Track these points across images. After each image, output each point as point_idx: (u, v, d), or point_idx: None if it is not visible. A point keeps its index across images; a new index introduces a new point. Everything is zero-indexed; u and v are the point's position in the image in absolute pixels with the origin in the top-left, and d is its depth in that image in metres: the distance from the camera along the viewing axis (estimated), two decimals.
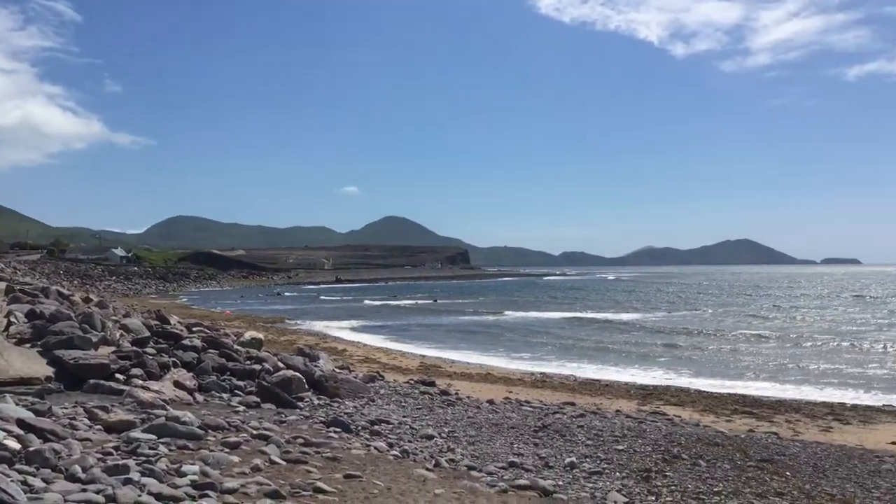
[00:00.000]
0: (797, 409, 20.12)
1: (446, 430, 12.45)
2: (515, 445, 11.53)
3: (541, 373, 27.88)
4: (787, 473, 10.71)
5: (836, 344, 37.94)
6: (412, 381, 21.09)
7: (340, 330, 45.68)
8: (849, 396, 23.43)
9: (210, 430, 8.88)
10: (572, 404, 18.81)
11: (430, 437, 11.64)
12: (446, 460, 9.81)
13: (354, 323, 51.81)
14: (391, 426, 12.20)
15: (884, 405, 21.74)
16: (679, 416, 18.00)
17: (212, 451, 7.74)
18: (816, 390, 24.83)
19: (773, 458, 11.97)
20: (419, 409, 15.21)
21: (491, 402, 17.92)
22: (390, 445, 10.35)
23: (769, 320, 54.27)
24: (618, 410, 18.14)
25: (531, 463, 10.21)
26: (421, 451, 10.31)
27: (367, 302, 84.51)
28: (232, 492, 6.39)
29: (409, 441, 11.13)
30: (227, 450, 7.96)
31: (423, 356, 32.56)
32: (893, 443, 15.52)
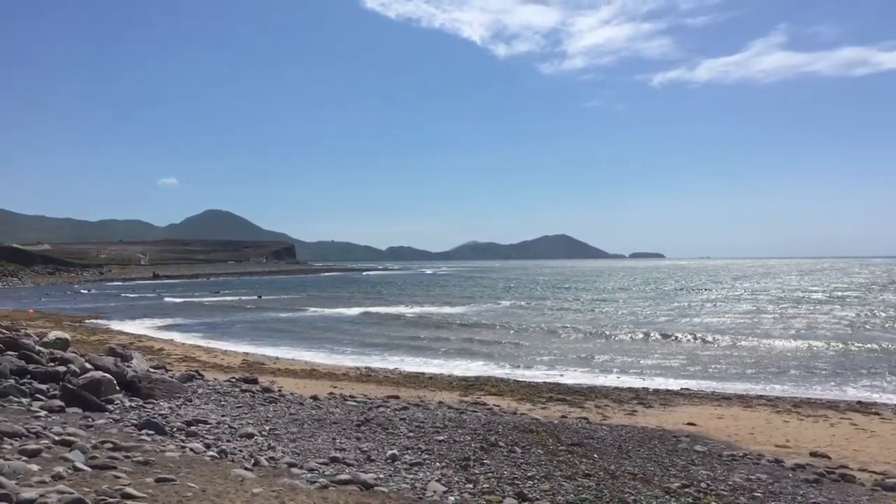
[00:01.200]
0: (606, 395, 21.38)
1: (267, 428, 12.22)
2: (338, 440, 11.50)
3: (366, 367, 27.98)
4: (595, 456, 11.37)
5: (638, 333, 40.60)
6: (233, 379, 20.50)
7: (157, 329, 43.65)
8: (653, 382, 25.17)
9: (6, 438, 8.24)
10: (396, 397, 19.00)
11: (251, 436, 11.38)
12: (266, 458, 9.63)
13: (172, 321, 49.68)
14: (209, 426, 11.81)
15: (682, 389, 23.55)
16: (498, 406, 18.63)
17: (7, 459, 7.18)
18: (624, 377, 26.53)
19: (583, 441, 12.66)
20: (239, 407, 14.83)
21: (315, 397, 17.77)
22: (207, 446, 10.02)
23: (579, 312, 57.26)
24: (440, 402, 18.51)
25: (353, 457, 10.22)
26: (240, 451, 10.06)
27: (185, 299, 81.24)
28: (30, 502, 5.97)
29: (228, 441, 10.83)
30: (24, 458, 7.42)
31: (247, 353, 31.76)
32: (689, 423, 16.85)
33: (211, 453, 9.50)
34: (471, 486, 8.97)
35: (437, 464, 10.09)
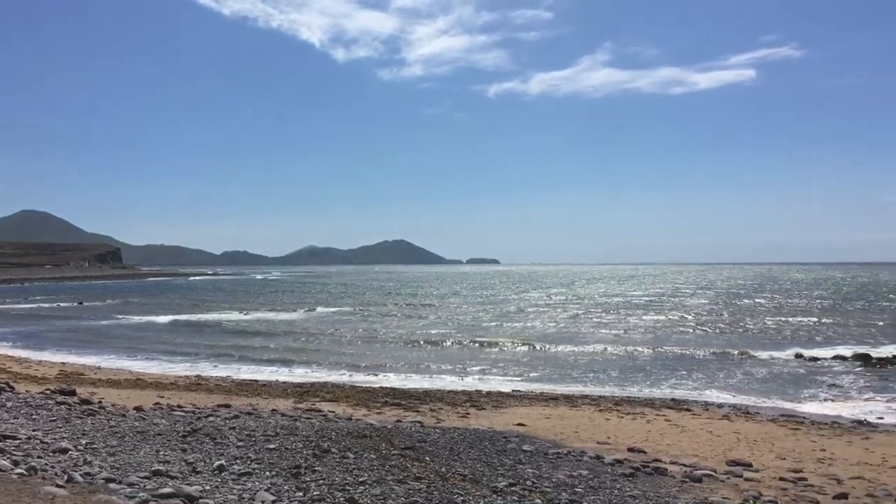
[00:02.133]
0: (441, 399, 21.73)
1: (84, 442, 11.49)
2: (161, 453, 10.98)
3: (196, 375, 26.97)
4: (427, 458, 11.51)
5: (469, 337, 41.61)
6: (48, 391, 19.14)
7: None
8: (486, 385, 25.84)
9: None
10: (227, 406, 18.41)
11: (65, 451, 10.65)
12: (81, 474, 9.04)
13: None
14: (18, 442, 10.95)
15: (513, 391, 24.34)
16: (333, 412, 18.47)
17: None
18: (458, 380, 27.09)
19: (416, 445, 12.78)
20: (53, 420, 13.85)
21: (139, 408, 16.89)
22: (15, 463, 9.29)
23: (410, 317, 57.90)
24: (274, 409, 18.12)
25: (177, 469, 9.79)
26: (52, 467, 9.39)
27: None
28: None
29: (39, 457, 10.08)
30: None
31: (65, 363, 29.79)
32: (519, 424, 17.41)
33: (19, 471, 8.81)
34: (301, 493, 8.83)
35: (267, 473, 9.86)
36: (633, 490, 10.20)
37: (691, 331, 46.13)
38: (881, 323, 51.13)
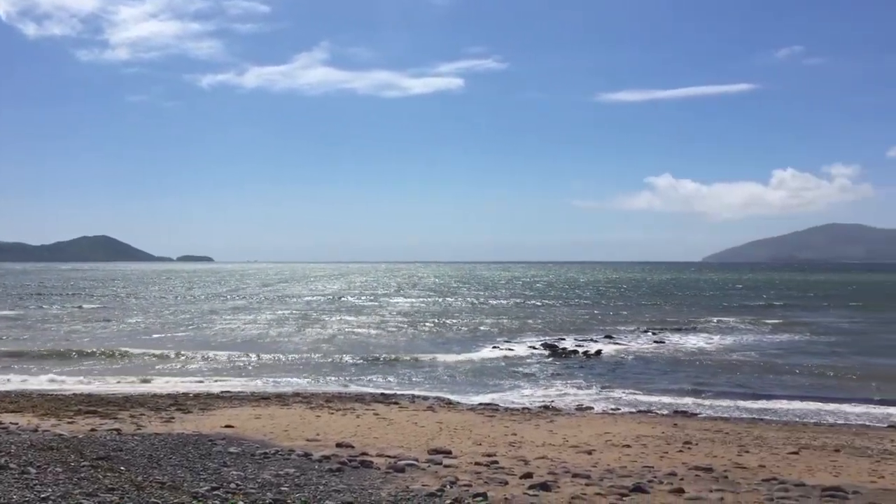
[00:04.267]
0: (143, 404, 20.47)
1: None
2: None
3: None
4: (122, 468, 10.77)
5: (174, 338, 39.84)
6: None
7: None
8: (194, 387, 24.82)
9: None
10: None
11: None
12: None
13: None
14: None
15: (222, 392, 23.61)
16: (16, 423, 16.63)
17: None
18: (163, 382, 25.76)
19: (110, 454, 11.92)
20: None
21: None
22: None
23: (106, 320, 54.24)
24: None
25: None
26: None
27: None
28: None
29: None
30: None
31: None
32: (227, 426, 16.90)
33: None
34: None
35: None
36: (338, 484, 10.33)
37: (394, 326, 47.96)
38: (564, 318, 56.83)
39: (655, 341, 40.81)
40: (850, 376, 28.53)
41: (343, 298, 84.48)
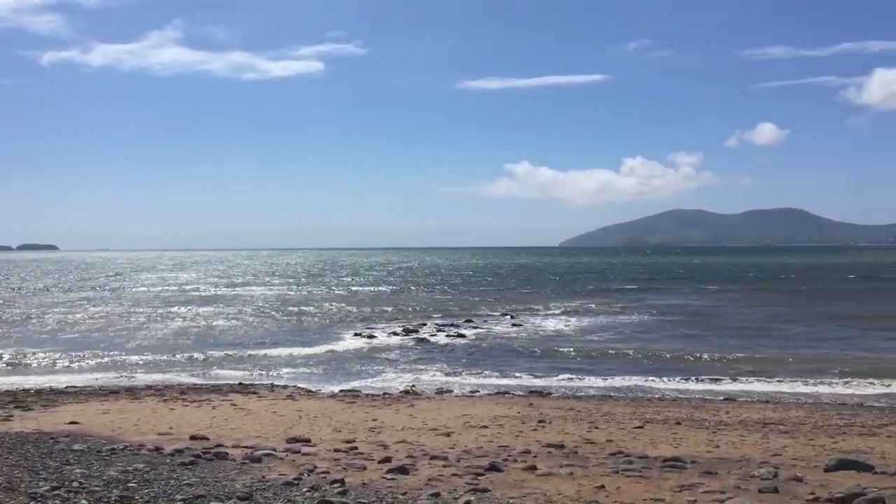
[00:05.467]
0: None
1: None
2: None
3: None
4: None
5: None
6: None
7: None
8: (35, 382, 23.45)
9: None
10: None
11: None
12: None
13: None
14: None
15: (67, 387, 22.38)
16: None
17: None
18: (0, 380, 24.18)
19: None
20: None
21: None
22: None
23: None
24: None
25: None
26: None
27: None
28: None
29: None
30: None
31: None
32: (72, 422, 16.02)
33: None
34: None
35: None
36: (190, 478, 10.03)
37: (260, 319, 47.07)
38: (427, 304, 57.44)
39: (515, 324, 41.94)
40: (693, 353, 30.35)
41: (197, 288, 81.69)
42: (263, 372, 26.49)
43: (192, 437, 14.10)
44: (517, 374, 26.07)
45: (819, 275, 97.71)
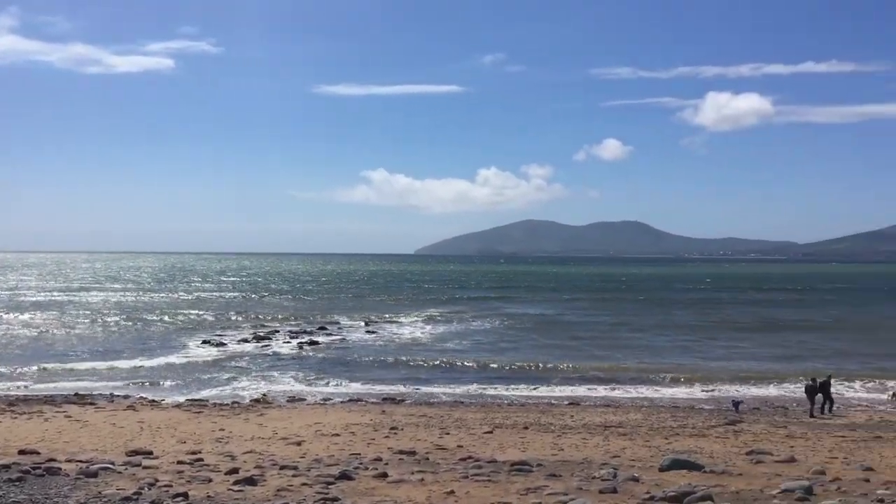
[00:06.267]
0: None
1: None
2: None
3: None
4: None
5: None
6: None
7: None
8: None
9: None
10: None
11: None
12: None
13: None
14: None
15: None
16: None
17: None
18: None
19: None
20: None
21: None
22: None
23: None
24: None
25: None
26: None
27: None
28: None
29: None
30: None
31: None
32: None
33: None
34: None
35: None
36: (18, 495, 9.35)
37: (101, 326, 44.70)
38: (281, 310, 56.38)
39: (370, 332, 41.89)
40: (543, 360, 31.36)
41: (26, 293, 76.34)
42: (103, 382, 25.12)
43: (21, 452, 13.17)
44: (371, 382, 26.06)
45: (658, 285, 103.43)
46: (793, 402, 23.44)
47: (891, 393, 24.60)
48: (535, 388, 25.45)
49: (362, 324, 46.09)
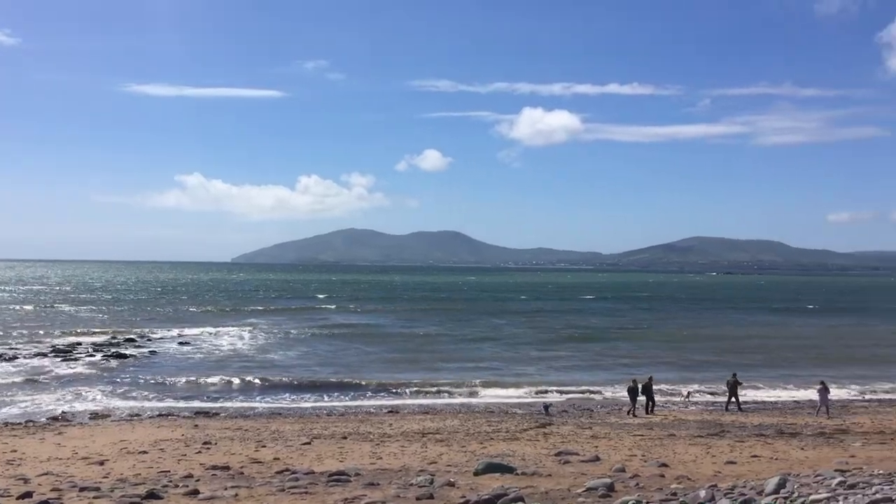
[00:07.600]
0: None
1: None
2: None
3: None
4: None
5: None
6: None
7: None
8: None
9: None
10: None
11: None
12: None
13: None
14: None
15: None
16: None
17: None
18: None
19: None
20: None
21: None
22: None
23: None
24: None
25: None
26: None
27: None
28: None
29: None
30: None
31: None
32: None
33: None
34: None
35: None
36: None
37: None
38: (83, 321, 52.75)
39: (182, 343, 40.12)
40: (366, 368, 31.41)
41: None
42: None
43: None
44: (184, 396, 24.96)
45: (478, 295, 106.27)
46: (598, 404, 24.90)
47: (685, 393, 26.84)
48: (355, 398, 25.41)
49: (175, 334, 44.06)
